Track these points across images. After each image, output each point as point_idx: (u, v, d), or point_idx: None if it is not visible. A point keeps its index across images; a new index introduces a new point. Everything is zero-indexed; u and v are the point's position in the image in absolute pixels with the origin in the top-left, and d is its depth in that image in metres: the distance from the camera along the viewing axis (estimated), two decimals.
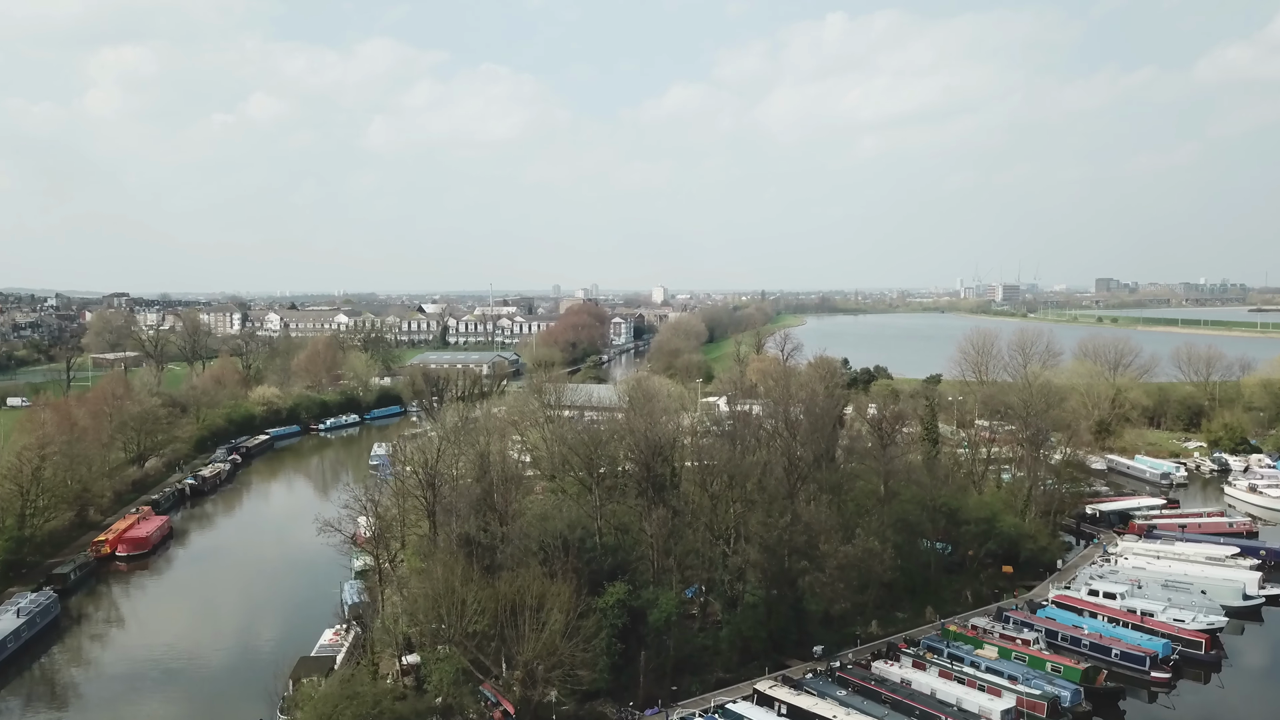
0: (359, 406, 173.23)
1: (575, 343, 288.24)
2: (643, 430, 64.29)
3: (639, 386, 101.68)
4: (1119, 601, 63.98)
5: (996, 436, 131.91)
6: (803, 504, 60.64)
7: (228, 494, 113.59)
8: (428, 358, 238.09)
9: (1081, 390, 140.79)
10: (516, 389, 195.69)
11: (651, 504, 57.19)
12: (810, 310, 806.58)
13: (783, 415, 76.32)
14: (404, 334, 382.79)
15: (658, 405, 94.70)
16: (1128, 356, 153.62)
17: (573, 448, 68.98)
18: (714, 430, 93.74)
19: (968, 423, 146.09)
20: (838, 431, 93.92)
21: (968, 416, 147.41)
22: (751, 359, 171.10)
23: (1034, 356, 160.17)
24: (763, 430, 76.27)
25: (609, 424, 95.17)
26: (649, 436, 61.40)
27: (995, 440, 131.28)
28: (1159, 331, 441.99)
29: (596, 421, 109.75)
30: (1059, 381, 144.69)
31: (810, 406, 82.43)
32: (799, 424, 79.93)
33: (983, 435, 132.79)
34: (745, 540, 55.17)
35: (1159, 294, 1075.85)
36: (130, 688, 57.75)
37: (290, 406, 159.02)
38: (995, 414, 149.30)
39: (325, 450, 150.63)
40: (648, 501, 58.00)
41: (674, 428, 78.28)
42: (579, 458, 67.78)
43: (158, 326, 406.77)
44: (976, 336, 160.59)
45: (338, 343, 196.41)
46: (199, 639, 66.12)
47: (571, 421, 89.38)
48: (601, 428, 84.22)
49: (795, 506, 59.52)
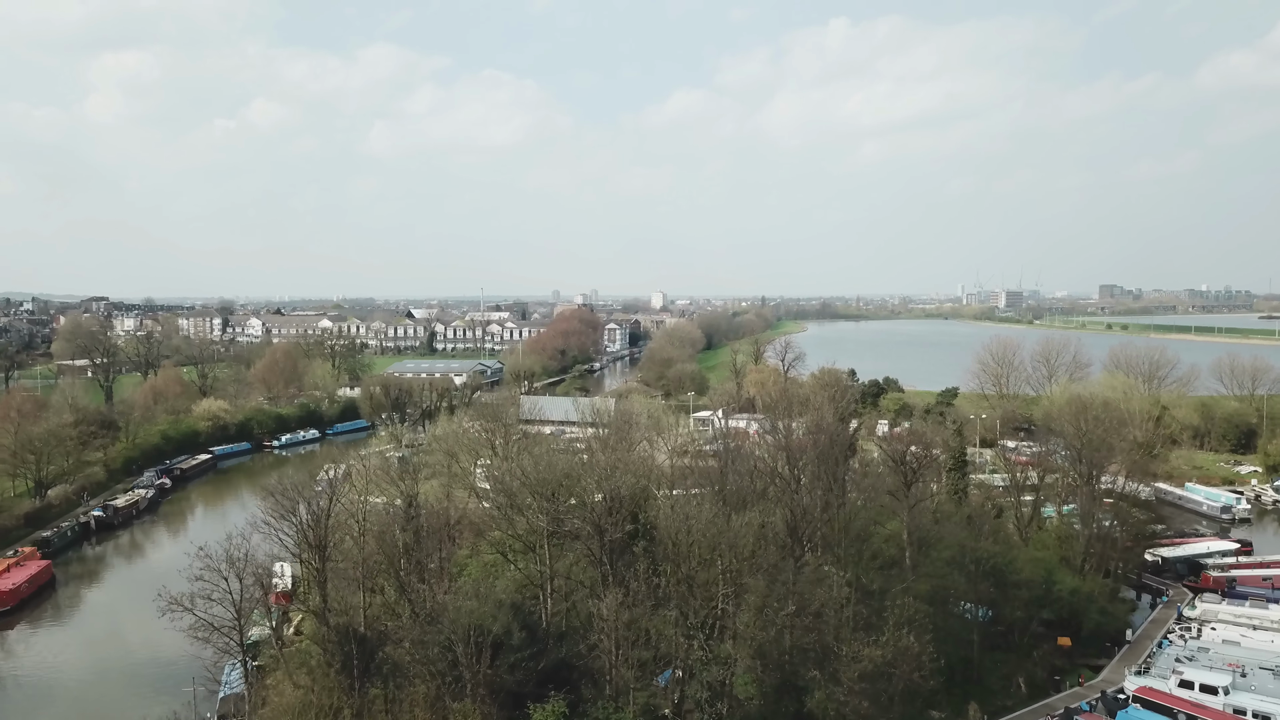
0: (321, 421, 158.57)
1: (565, 350, 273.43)
2: (605, 475, 49.52)
3: (613, 413, 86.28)
4: (1221, 698, 49.18)
5: (1029, 460, 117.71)
6: (809, 579, 45.62)
7: (143, 528, 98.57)
8: (404, 366, 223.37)
9: (1118, 406, 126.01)
10: (491, 401, 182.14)
11: (607, 579, 42.46)
12: (811, 316, 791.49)
13: (783, 451, 61.63)
14: (390, 340, 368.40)
15: (635, 435, 79.95)
16: (1163, 368, 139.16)
17: (518, 491, 54.16)
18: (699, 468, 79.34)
19: (991, 441, 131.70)
20: (848, 462, 79.41)
21: (990, 434, 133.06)
22: (749, 370, 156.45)
23: (1060, 368, 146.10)
24: (758, 466, 61.71)
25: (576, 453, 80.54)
26: (609, 488, 46.52)
27: (1029, 464, 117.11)
28: (1173, 339, 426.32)
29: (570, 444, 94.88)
30: (1089, 396, 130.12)
31: (816, 437, 67.78)
32: (803, 459, 65.39)
33: (1017, 459, 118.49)
34: (733, 638, 40.16)
35: (1164, 301, 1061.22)
36: None
37: (241, 421, 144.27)
38: (1021, 432, 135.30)
39: (274, 471, 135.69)
40: (601, 575, 43.32)
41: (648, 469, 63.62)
42: (529, 506, 53.05)
43: (134, 332, 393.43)
44: (996, 347, 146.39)
45: (301, 350, 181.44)
46: None
47: (534, 448, 74.40)
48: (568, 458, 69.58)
49: (799, 584, 44.57)
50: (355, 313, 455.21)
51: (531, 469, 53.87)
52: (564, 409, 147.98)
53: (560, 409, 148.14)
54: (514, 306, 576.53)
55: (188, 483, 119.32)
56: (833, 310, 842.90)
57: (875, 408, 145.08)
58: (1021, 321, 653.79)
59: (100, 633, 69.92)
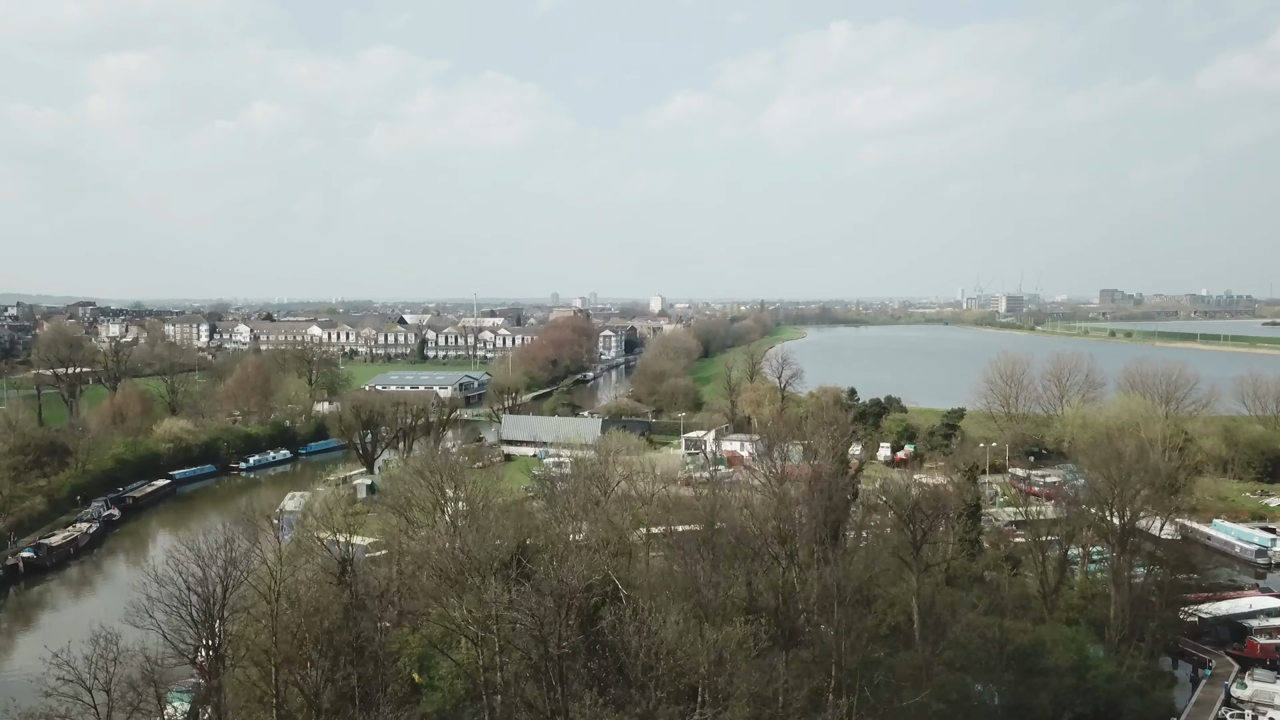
0: (293, 440, 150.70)
1: (557, 360, 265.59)
2: (559, 557, 41.57)
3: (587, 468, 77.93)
4: None
5: (1043, 491, 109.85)
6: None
7: (81, 568, 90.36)
8: (388, 379, 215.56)
9: (1135, 430, 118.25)
10: (473, 418, 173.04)
11: (555, 704, 34.49)
12: (810, 321, 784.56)
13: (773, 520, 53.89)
14: (381, 347, 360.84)
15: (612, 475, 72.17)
16: (1181, 388, 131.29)
17: (460, 573, 46.02)
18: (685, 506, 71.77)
19: (1000, 466, 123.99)
20: (848, 509, 71.60)
21: (998, 457, 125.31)
22: (744, 388, 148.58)
23: (1072, 387, 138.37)
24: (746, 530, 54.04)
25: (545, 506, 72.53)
26: (555, 584, 38.24)
27: (1043, 495, 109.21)
28: (1178, 348, 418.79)
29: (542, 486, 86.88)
30: (1104, 419, 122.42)
31: (813, 492, 60.18)
32: (798, 513, 57.82)
33: (1029, 490, 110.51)
34: None
35: (1165, 306, 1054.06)
36: None
37: (206, 442, 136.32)
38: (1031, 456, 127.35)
39: (238, 496, 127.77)
40: (547, 690, 35.36)
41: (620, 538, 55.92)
42: (473, 586, 44.91)
43: (119, 339, 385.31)
44: (1005, 364, 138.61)
45: (277, 364, 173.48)
46: None
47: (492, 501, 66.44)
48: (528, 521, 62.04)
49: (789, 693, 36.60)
50: (347, 319, 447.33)
51: (476, 545, 45.87)
52: (547, 429, 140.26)
53: (543, 429, 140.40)
54: (509, 312, 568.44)
55: (141, 512, 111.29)
56: (832, 315, 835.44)
57: (877, 429, 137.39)
58: (1023, 328, 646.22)
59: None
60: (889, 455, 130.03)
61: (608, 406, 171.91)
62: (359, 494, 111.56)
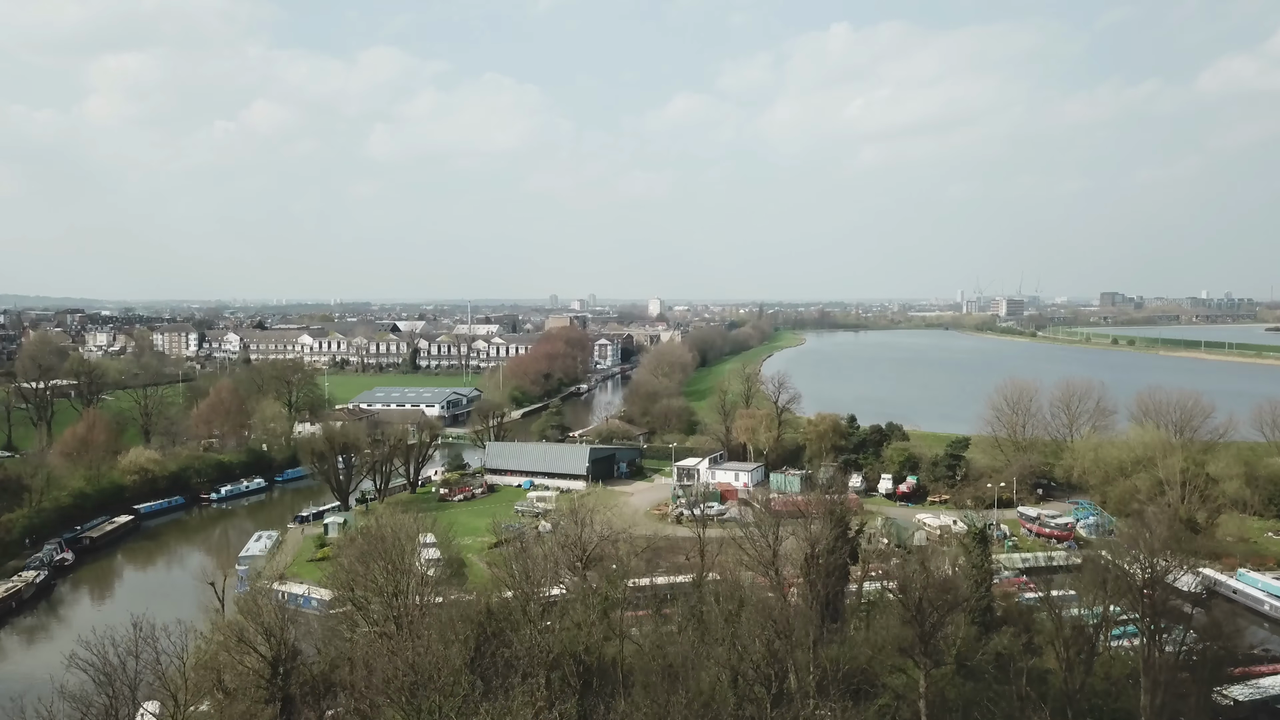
0: (269, 466, 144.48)
1: (549, 374, 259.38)
2: None
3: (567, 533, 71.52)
4: None
5: (1053, 532, 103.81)
6: None
7: (20, 629, 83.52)
8: (374, 395, 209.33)
9: (1151, 464, 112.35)
10: (457, 440, 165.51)
11: None
12: (810, 326, 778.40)
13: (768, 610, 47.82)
14: (372, 357, 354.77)
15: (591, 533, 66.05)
16: (1197, 418, 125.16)
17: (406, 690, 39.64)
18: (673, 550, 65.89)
19: (1007, 499, 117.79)
20: (847, 574, 65.41)
21: (1005, 489, 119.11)
22: (739, 414, 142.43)
23: (1082, 414, 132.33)
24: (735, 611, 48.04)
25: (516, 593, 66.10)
26: None
27: (1054, 537, 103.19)
28: (1183, 356, 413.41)
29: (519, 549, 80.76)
30: (1116, 453, 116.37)
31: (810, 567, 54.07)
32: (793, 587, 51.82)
33: (1039, 531, 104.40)
34: None
35: (1167, 310, 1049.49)
36: None
37: (174, 472, 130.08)
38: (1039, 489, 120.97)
39: (206, 532, 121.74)
40: None
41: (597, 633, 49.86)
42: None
43: (107, 348, 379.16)
44: (1012, 391, 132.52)
45: (255, 384, 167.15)
46: None
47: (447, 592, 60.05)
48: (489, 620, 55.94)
49: None
50: (340, 327, 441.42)
51: (424, 656, 39.66)
52: (533, 457, 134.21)
53: (529, 457, 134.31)
54: (504, 318, 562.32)
55: (99, 553, 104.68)
56: (831, 320, 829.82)
57: (878, 458, 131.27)
58: (1023, 334, 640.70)
59: None
60: (891, 487, 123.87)
61: (598, 429, 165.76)
62: (330, 532, 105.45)
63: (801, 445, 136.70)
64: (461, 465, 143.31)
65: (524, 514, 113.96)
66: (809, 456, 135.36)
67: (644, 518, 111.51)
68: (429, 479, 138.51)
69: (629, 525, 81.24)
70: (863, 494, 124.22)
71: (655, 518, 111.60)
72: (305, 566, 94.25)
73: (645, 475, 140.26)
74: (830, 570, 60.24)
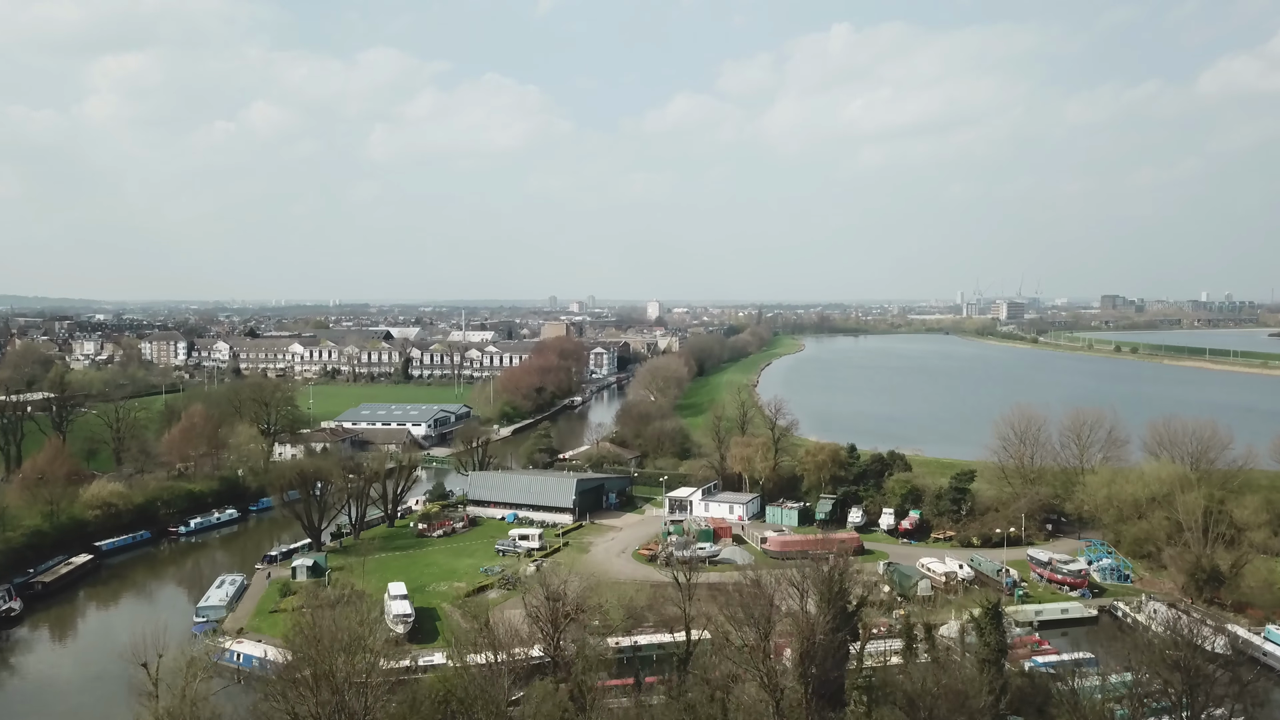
0: (244, 495, 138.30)
1: (542, 387, 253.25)
2: None
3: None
4: None
5: (1066, 579, 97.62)
6: None
7: None
8: (359, 413, 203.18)
9: (1169, 501, 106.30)
10: (441, 464, 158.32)
11: None
12: (809, 330, 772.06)
13: None
14: (364, 366, 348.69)
15: None
16: (1214, 449, 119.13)
17: None
18: None
19: (1015, 536, 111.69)
20: (846, 663, 59.22)
21: (1013, 523, 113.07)
22: (735, 441, 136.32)
23: (1093, 444, 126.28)
24: None
25: None
26: None
27: (1066, 584, 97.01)
28: (1188, 366, 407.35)
29: None
30: (1131, 489, 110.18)
31: (805, 661, 47.98)
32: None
33: (1050, 577, 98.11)
34: None
35: (1168, 314, 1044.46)
36: None
37: (140, 504, 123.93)
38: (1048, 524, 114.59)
39: (171, 571, 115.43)
40: None
41: None
42: None
43: (94, 356, 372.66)
44: (1019, 420, 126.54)
45: (232, 405, 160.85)
46: None
47: None
48: None
49: None
50: (333, 335, 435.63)
51: None
52: (517, 488, 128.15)
53: (513, 488, 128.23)
54: (500, 325, 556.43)
55: (52, 599, 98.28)
56: (831, 324, 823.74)
57: (879, 490, 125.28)
58: (1024, 339, 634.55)
59: None
60: (893, 523, 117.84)
61: (588, 453, 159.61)
62: (298, 576, 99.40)
63: (799, 475, 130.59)
64: (444, 494, 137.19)
65: (505, 554, 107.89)
66: (807, 488, 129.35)
67: (630, 560, 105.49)
68: (410, 509, 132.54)
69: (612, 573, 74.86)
70: (863, 530, 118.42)
71: (643, 559, 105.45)
72: (266, 620, 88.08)
73: (636, 506, 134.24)
74: (829, 653, 54.15)
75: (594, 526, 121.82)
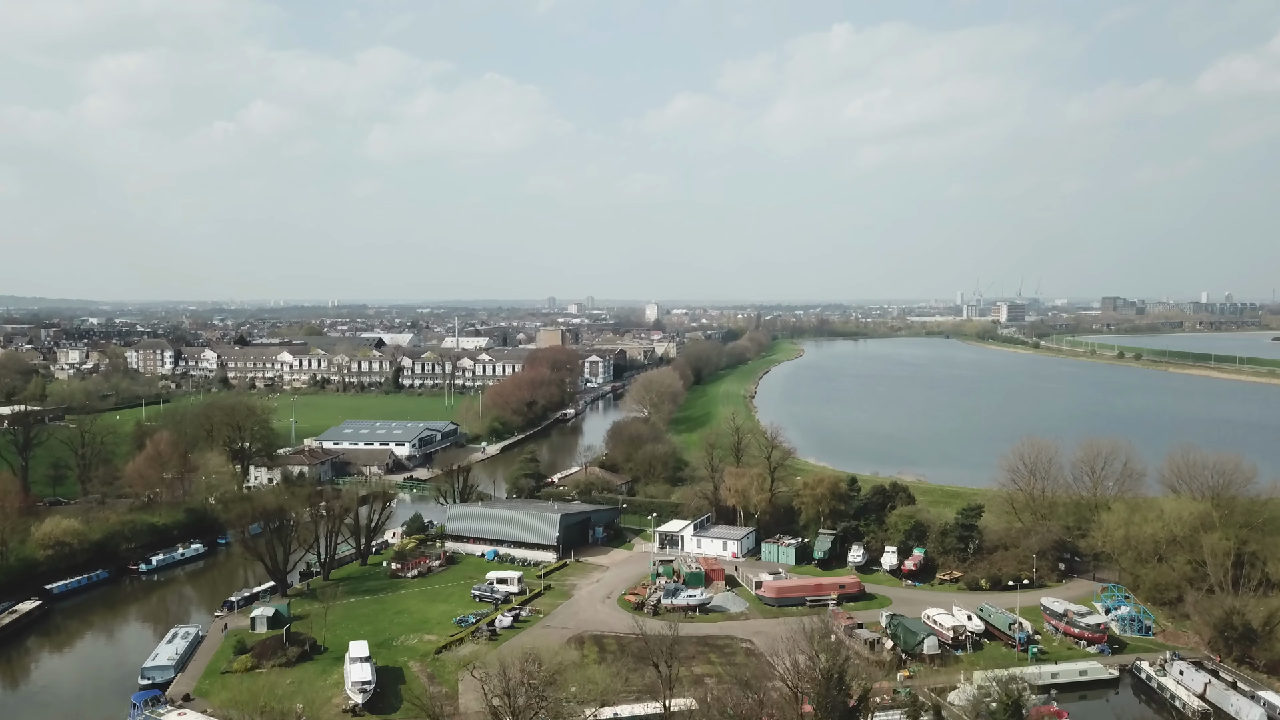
0: (213, 527, 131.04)
1: (533, 401, 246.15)
2: None
3: None
4: None
5: (1083, 633, 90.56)
6: None
7: None
8: (341, 432, 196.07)
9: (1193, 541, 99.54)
10: (420, 491, 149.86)
11: None
12: (808, 334, 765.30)
13: None
14: (353, 375, 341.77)
15: None
16: (1237, 482, 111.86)
17: None
18: None
19: (1028, 578, 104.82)
20: None
21: (1024, 564, 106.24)
22: (729, 471, 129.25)
23: (1108, 477, 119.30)
24: None
25: None
26: None
27: (1083, 638, 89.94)
28: (1194, 374, 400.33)
29: None
30: (1151, 530, 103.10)
31: None
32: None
33: (1067, 630, 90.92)
34: None
35: (1169, 315, 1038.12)
36: None
37: (98, 541, 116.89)
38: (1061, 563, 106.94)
39: (127, 616, 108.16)
40: None
41: None
42: None
43: (79, 365, 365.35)
44: (1030, 451, 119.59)
45: (204, 429, 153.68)
46: None
47: None
48: None
49: None
50: (323, 343, 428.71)
51: None
52: (498, 524, 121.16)
53: (494, 524, 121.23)
54: (495, 331, 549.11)
55: None
56: (830, 327, 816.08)
57: (881, 526, 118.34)
58: (1026, 344, 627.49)
59: None
60: (895, 562, 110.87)
61: (577, 479, 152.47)
62: (257, 627, 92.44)
63: (797, 509, 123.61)
64: (422, 526, 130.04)
65: (482, 599, 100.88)
66: (805, 521, 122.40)
67: (615, 608, 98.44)
68: (386, 542, 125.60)
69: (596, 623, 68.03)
70: (864, 569, 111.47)
71: (629, 606, 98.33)
72: (218, 681, 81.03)
73: (625, 540, 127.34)
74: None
75: (579, 566, 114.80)
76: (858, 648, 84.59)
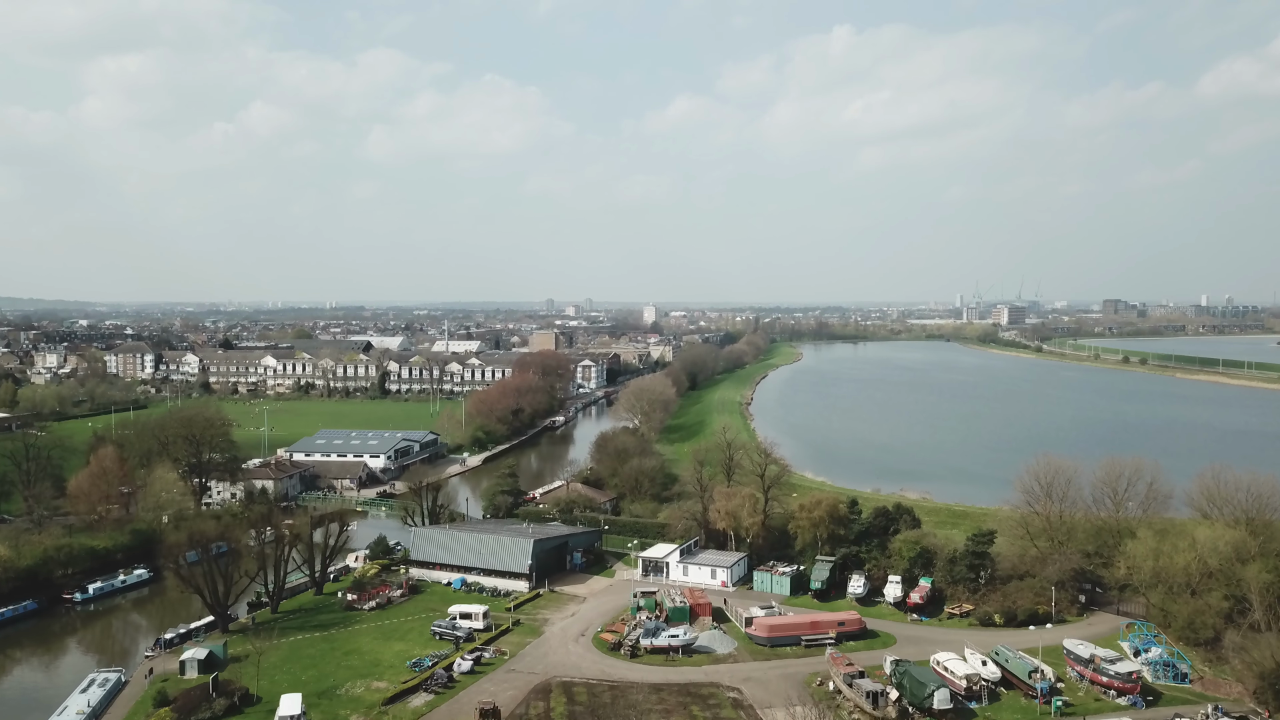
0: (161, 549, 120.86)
1: (519, 409, 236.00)
2: None
3: None
4: None
5: (1111, 682, 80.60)
6: None
7: None
8: (314, 443, 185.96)
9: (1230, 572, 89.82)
10: (390, 509, 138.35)
11: None
12: (807, 336, 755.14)
13: None
14: (339, 380, 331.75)
15: None
16: (1274, 506, 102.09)
17: None
18: None
19: (1044, 613, 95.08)
20: None
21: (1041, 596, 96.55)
22: (719, 492, 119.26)
23: (1131, 499, 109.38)
24: None
25: None
26: None
27: (1111, 688, 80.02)
28: (1202, 380, 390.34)
29: None
30: (1183, 561, 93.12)
31: None
32: None
33: (1094, 679, 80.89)
34: None
35: (1171, 318, 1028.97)
36: None
37: (29, 567, 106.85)
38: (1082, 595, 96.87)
39: (56, 650, 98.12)
40: None
41: None
42: None
43: (56, 370, 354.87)
44: (1045, 471, 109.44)
45: (159, 441, 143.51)
46: None
47: None
48: None
49: None
50: (310, 346, 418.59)
51: None
52: (466, 549, 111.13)
53: (461, 549, 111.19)
54: (487, 334, 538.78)
55: None
56: (829, 330, 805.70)
57: (884, 552, 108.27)
58: (1027, 348, 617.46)
59: None
60: (900, 594, 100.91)
61: (558, 495, 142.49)
62: (186, 671, 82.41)
63: (792, 533, 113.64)
64: (387, 550, 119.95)
65: (442, 638, 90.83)
66: (801, 546, 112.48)
67: (590, 649, 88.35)
68: (348, 567, 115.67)
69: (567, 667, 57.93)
70: (865, 601, 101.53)
71: (605, 646, 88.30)
72: None
73: (605, 566, 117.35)
74: None
75: (553, 596, 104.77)
76: (859, 701, 74.67)
